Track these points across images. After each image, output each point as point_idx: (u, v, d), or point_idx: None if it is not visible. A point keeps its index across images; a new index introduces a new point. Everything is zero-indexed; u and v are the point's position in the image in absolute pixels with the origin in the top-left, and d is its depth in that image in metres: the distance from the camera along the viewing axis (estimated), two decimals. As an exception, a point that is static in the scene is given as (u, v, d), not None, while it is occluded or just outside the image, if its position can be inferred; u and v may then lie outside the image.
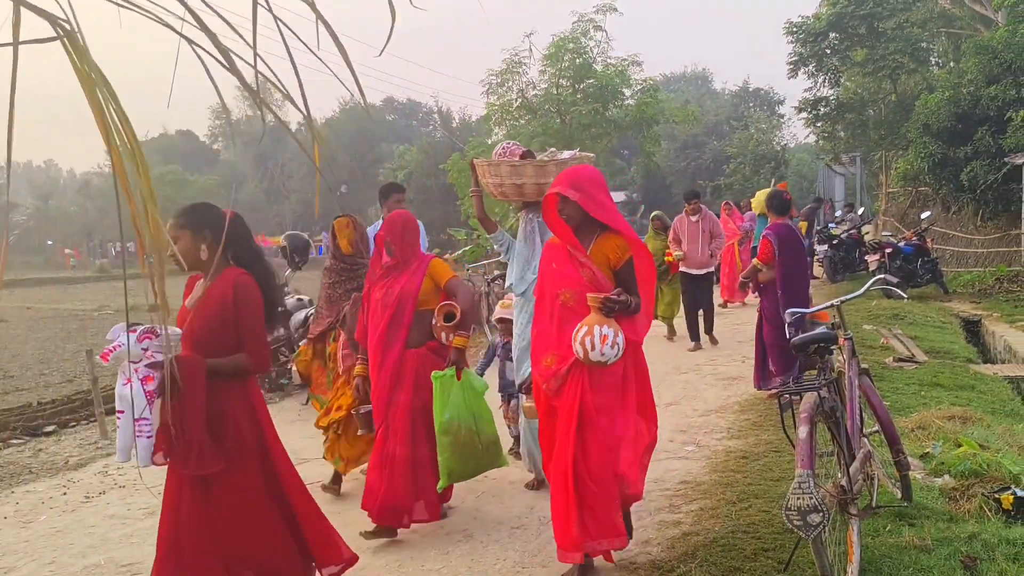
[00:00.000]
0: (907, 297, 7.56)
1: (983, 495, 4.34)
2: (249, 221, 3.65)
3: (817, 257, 17.55)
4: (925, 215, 16.44)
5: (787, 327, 6.64)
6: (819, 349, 3.87)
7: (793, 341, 3.99)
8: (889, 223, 22.15)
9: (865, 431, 4.10)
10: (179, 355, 3.07)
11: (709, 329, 10.77)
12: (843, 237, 16.97)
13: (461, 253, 16.37)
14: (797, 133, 48.58)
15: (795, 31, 22.85)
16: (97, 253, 62.75)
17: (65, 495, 6.01)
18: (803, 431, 3.29)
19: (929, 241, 15.34)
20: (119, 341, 3.03)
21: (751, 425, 6.49)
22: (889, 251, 14.42)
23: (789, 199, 7.76)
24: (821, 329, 4.01)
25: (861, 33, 21.44)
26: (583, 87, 21.81)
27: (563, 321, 3.74)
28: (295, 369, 6.38)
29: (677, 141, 44.00)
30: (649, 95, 22.47)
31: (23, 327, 20.48)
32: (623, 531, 3.71)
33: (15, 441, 8.04)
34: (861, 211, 21.27)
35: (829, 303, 4.42)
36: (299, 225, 44.50)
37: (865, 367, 4.29)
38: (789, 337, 6.88)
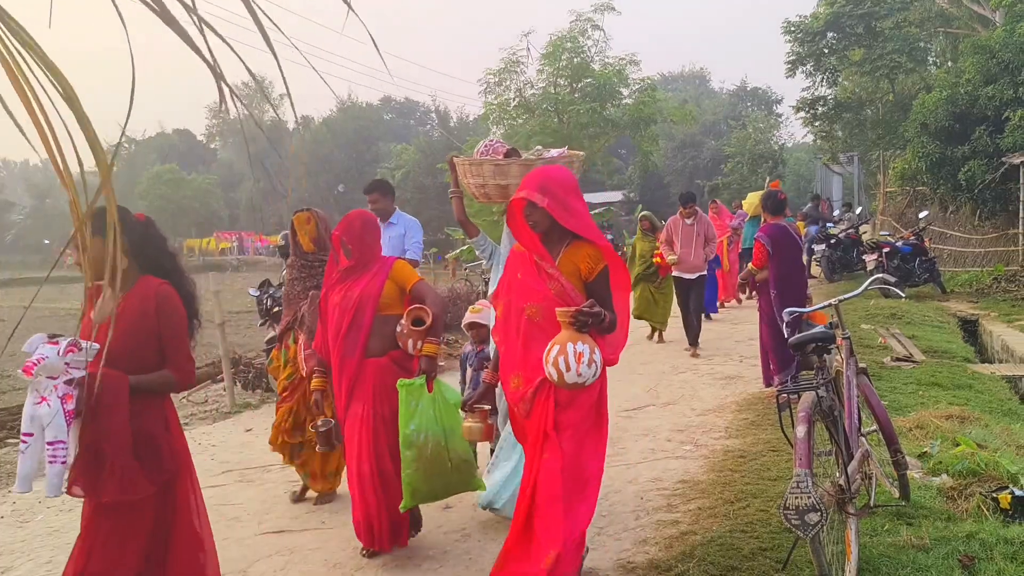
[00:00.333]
0: (905, 296, 7.56)
1: (981, 494, 4.35)
2: (247, 220, 3.64)
3: (815, 256, 17.57)
4: (923, 215, 16.47)
5: (784, 326, 6.65)
6: (817, 348, 3.87)
7: (791, 340, 3.98)
8: (887, 222, 22.18)
9: (863, 430, 4.10)
10: (103, 371, 2.79)
11: (694, 341, 10.15)
12: (841, 236, 16.99)
13: (459, 252, 16.37)
14: (795, 132, 48.71)
15: (793, 30, 22.90)
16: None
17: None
18: (801, 430, 3.29)
19: (927, 241, 15.37)
20: (41, 354, 2.81)
21: (749, 424, 6.49)
22: (887, 250, 14.43)
23: (784, 199, 7.73)
24: (819, 329, 4.01)
25: (859, 33, 21.48)
26: (581, 86, 21.82)
27: (529, 338, 3.37)
28: (271, 378, 6.01)
29: (675, 140, 44.07)
30: (647, 94, 22.48)
31: (21, 326, 20.43)
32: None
33: (12, 440, 8.02)
34: (859, 210, 21.30)
35: (827, 302, 4.42)
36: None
37: (863, 366, 4.29)
38: (786, 336, 6.91)
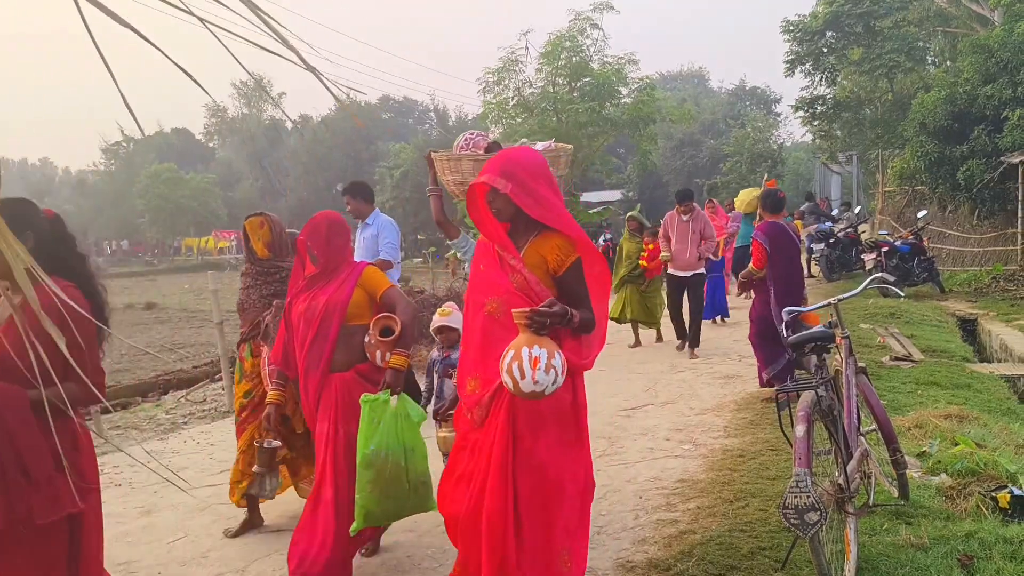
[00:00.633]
0: (904, 295, 7.57)
1: (980, 494, 4.35)
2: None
3: (814, 256, 17.59)
4: (921, 214, 16.48)
5: (783, 326, 6.65)
6: (816, 348, 3.87)
7: (790, 340, 3.98)
8: (885, 222, 22.20)
9: (862, 430, 4.10)
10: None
11: (694, 341, 9.88)
12: (840, 236, 17.00)
13: (457, 251, 16.38)
14: (794, 132, 48.77)
15: (792, 30, 22.92)
16: (93, 251, 62.66)
17: (61, 494, 5.99)
18: (800, 430, 3.29)
19: (925, 240, 15.38)
20: None
21: (748, 424, 6.49)
22: (885, 250, 14.45)
23: (783, 197, 7.74)
24: (819, 328, 4.01)
25: (858, 32, 21.50)
26: (580, 85, 21.83)
27: (487, 335, 3.07)
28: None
29: (673, 140, 44.09)
30: (645, 93, 22.49)
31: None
32: None
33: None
34: (858, 210, 21.32)
35: (826, 301, 4.42)
36: (295, 223, 44.46)
37: (862, 366, 4.29)
38: (785, 335, 6.93)
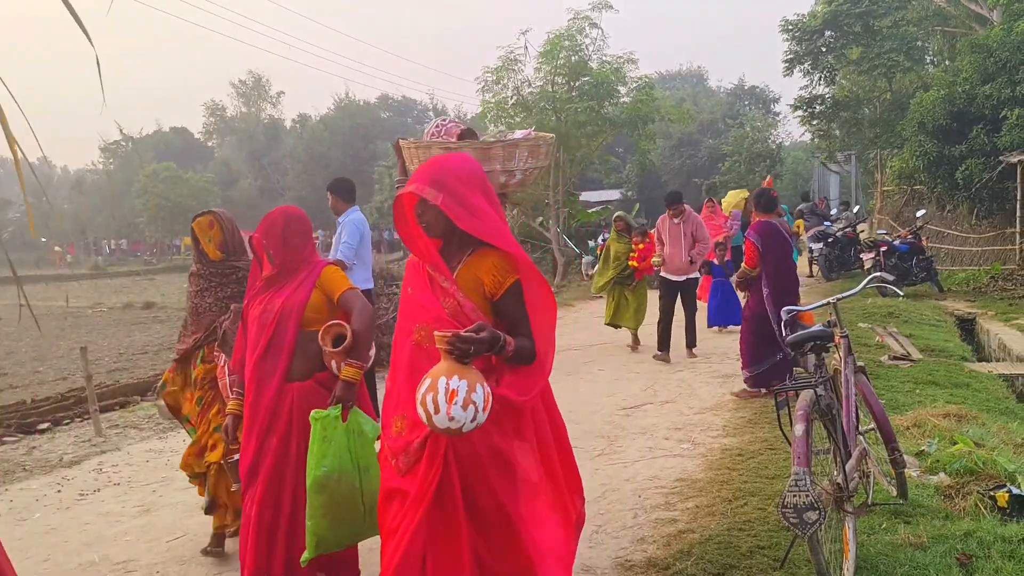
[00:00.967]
0: (903, 295, 7.58)
1: (979, 493, 4.35)
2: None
3: (812, 255, 17.60)
4: (920, 213, 16.49)
5: (783, 325, 6.66)
6: (815, 347, 3.87)
7: (789, 339, 3.98)
8: (884, 221, 22.22)
9: (861, 429, 4.11)
10: None
11: (691, 343, 9.73)
12: (838, 235, 17.02)
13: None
14: (792, 131, 48.83)
15: (791, 29, 22.91)
16: (92, 250, 62.67)
17: (59, 493, 5.99)
18: (799, 429, 3.29)
19: (924, 239, 15.39)
20: None
21: (746, 423, 6.49)
22: (884, 249, 14.45)
23: (775, 196, 7.79)
24: (818, 327, 4.01)
25: (856, 31, 21.49)
26: (578, 84, 21.80)
27: (415, 367, 2.73)
28: (160, 403, 4.98)
29: (672, 139, 44.08)
30: (644, 93, 22.47)
31: (17, 324, 20.42)
32: None
33: (9, 438, 8.01)
34: (856, 209, 21.33)
35: (825, 301, 4.42)
36: (294, 222, 44.32)
37: (861, 365, 4.30)
38: (783, 335, 6.94)
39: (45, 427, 8.47)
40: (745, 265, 7.45)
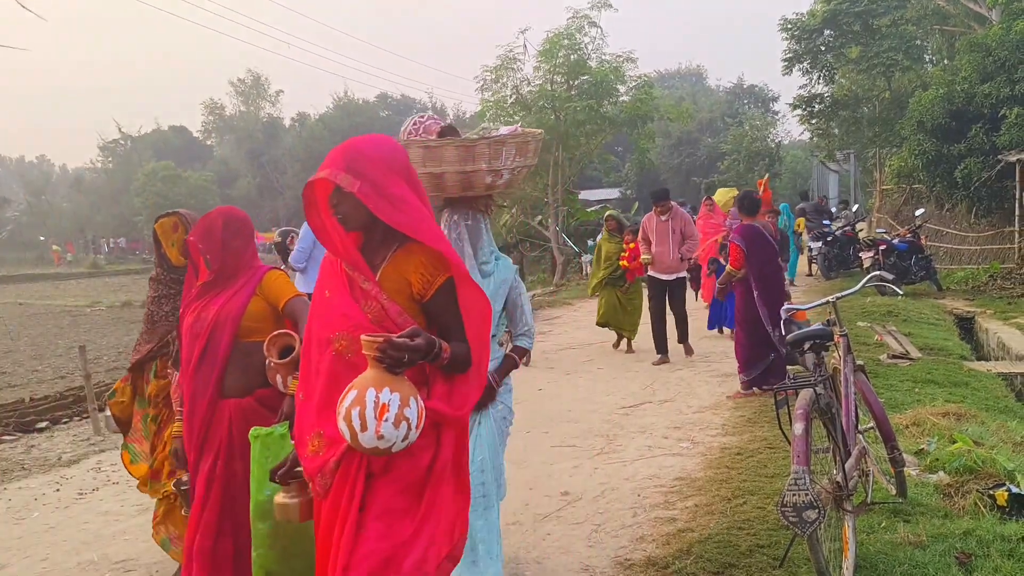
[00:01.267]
0: (903, 293, 7.59)
1: (978, 492, 4.36)
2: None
3: (812, 254, 17.60)
4: (919, 212, 16.50)
5: (782, 323, 6.68)
6: (815, 346, 3.87)
7: (789, 337, 3.98)
8: (883, 220, 22.22)
9: (860, 427, 4.10)
10: None
11: (683, 338, 9.49)
12: (837, 234, 17.03)
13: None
14: (791, 130, 48.78)
15: (790, 28, 22.92)
16: (90, 248, 62.63)
17: (58, 492, 5.99)
18: (799, 428, 3.29)
19: (923, 238, 15.39)
20: None
21: (745, 421, 6.49)
22: (883, 248, 14.45)
23: (759, 199, 7.82)
24: (817, 326, 4.01)
25: (855, 30, 21.50)
26: (577, 83, 21.80)
27: (334, 380, 2.41)
28: (109, 414, 4.55)
29: (671, 138, 44.06)
30: (643, 92, 22.48)
31: (15, 323, 20.41)
32: None
33: (7, 437, 8.01)
34: (855, 208, 21.34)
35: (824, 299, 4.42)
36: (293, 221, 44.48)
37: (860, 364, 4.30)
38: (774, 334, 7.05)
39: (44, 426, 8.47)
40: (729, 267, 7.60)
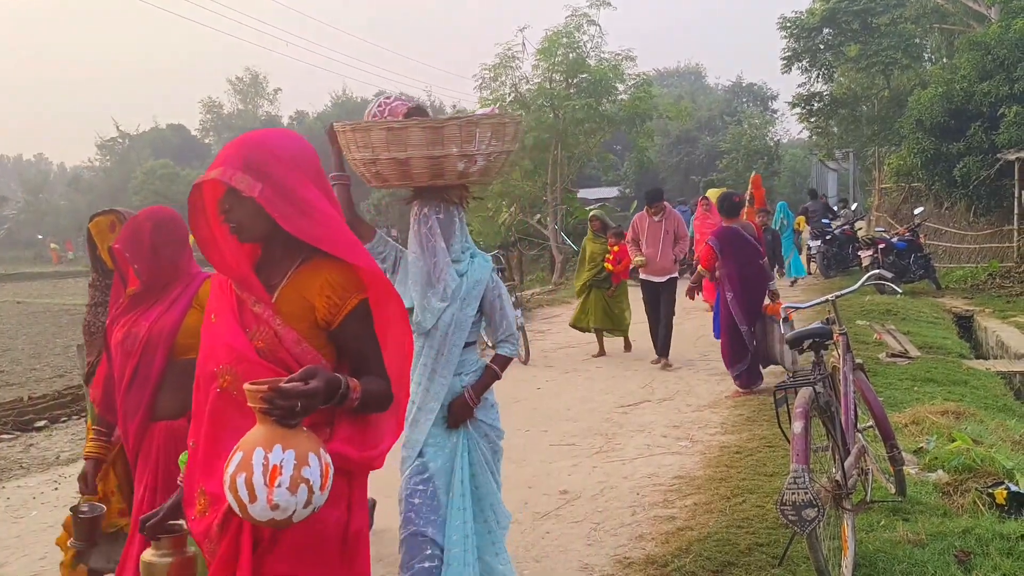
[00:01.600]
0: (902, 292, 7.60)
1: (977, 490, 4.36)
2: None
3: (811, 253, 17.60)
4: (918, 211, 16.51)
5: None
6: (814, 344, 3.87)
7: (788, 336, 3.98)
8: (882, 219, 22.22)
9: (859, 426, 4.10)
10: None
11: (663, 351, 8.99)
12: (836, 233, 17.02)
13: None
14: (790, 128, 48.66)
15: (789, 26, 22.94)
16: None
17: (56, 490, 5.98)
18: (798, 426, 3.29)
19: (922, 237, 15.40)
20: None
21: (744, 420, 6.50)
22: (882, 247, 14.46)
23: (738, 202, 7.84)
24: (816, 325, 4.00)
25: (854, 28, 21.51)
26: (576, 82, 21.78)
27: (219, 425, 2.07)
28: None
29: (670, 136, 44.01)
30: (642, 90, 22.47)
31: (13, 322, 20.40)
32: None
33: (5, 436, 7.99)
34: (855, 206, 21.33)
35: (823, 298, 4.42)
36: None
37: (859, 362, 4.30)
38: (747, 333, 7.23)
39: (42, 425, 8.45)
40: (700, 267, 7.77)
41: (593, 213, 10.40)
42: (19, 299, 26.98)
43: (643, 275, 9.10)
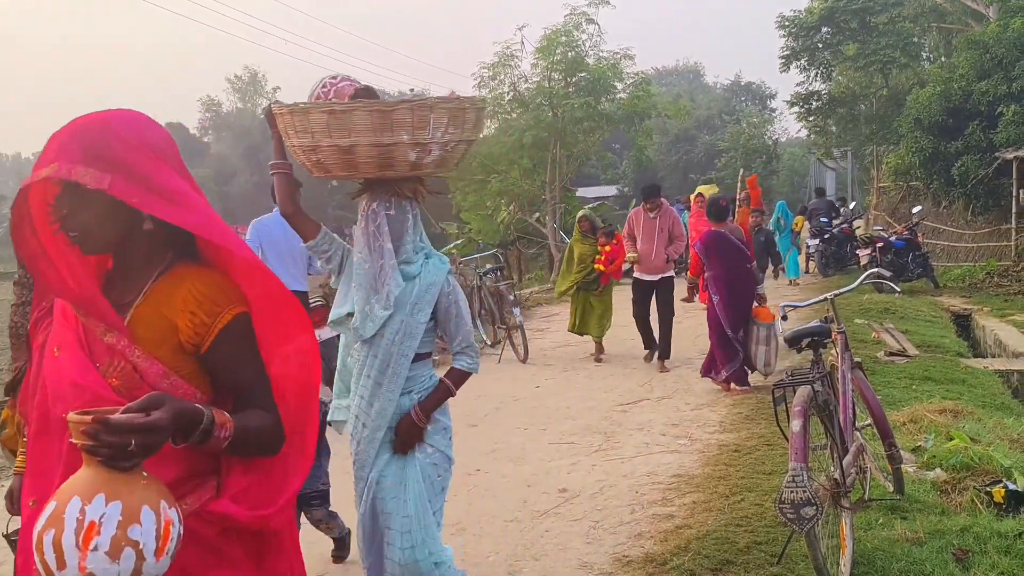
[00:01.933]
0: (900, 291, 7.61)
1: (975, 488, 4.37)
2: (241, 214, 3.23)
3: (808, 252, 17.62)
4: (916, 210, 16.52)
5: (733, 328, 7.29)
6: (813, 343, 3.88)
7: (787, 335, 3.99)
8: (880, 217, 22.24)
9: (858, 425, 4.11)
10: None
11: (664, 353, 8.72)
12: (835, 232, 17.05)
13: (453, 247, 16.30)
14: (789, 127, 48.81)
15: (787, 25, 22.96)
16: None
17: None
18: (797, 424, 3.30)
19: (920, 235, 15.42)
20: None
21: (743, 419, 6.51)
22: (880, 245, 14.48)
23: (725, 206, 7.87)
24: (815, 323, 4.01)
25: (853, 27, 21.54)
26: (575, 80, 21.77)
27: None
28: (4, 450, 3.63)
29: (669, 135, 44.07)
30: (641, 89, 22.46)
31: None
32: None
33: (5, 435, 7.99)
34: (853, 205, 21.34)
35: (822, 296, 4.43)
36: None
37: (858, 361, 4.31)
38: (732, 336, 7.37)
39: None
40: (689, 273, 8.09)
41: (582, 213, 10.02)
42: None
43: (636, 273, 8.88)
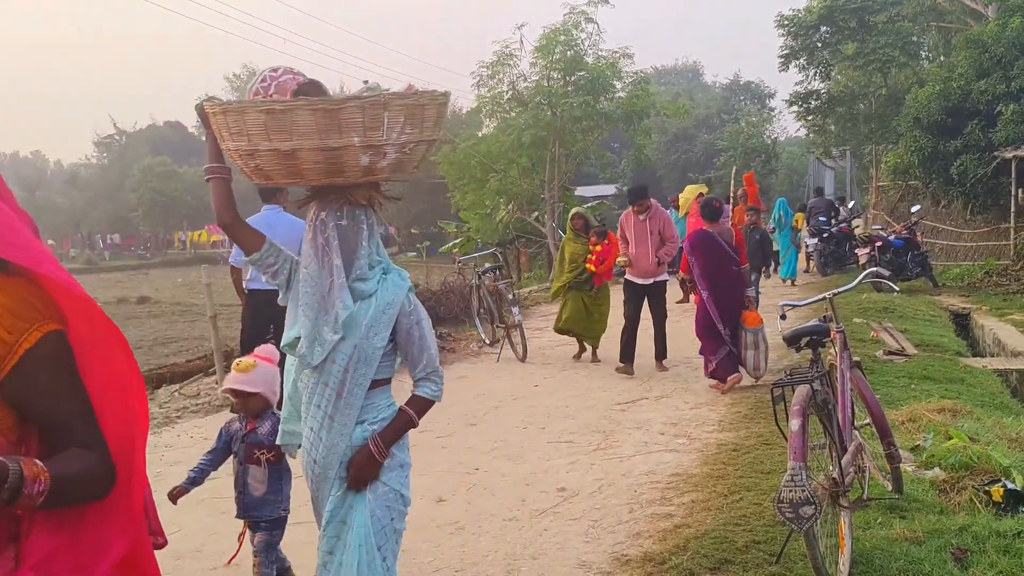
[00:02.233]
0: (899, 290, 7.62)
1: (973, 488, 4.37)
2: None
3: (807, 251, 17.62)
4: (915, 209, 16.53)
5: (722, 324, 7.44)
6: (812, 342, 3.88)
7: (786, 334, 3.99)
8: (879, 217, 22.25)
9: (856, 424, 4.11)
10: None
11: (661, 353, 8.61)
12: (833, 231, 17.04)
13: (452, 246, 16.28)
14: (788, 127, 48.75)
15: (786, 24, 22.96)
16: (85, 244, 62.52)
17: None
18: (795, 424, 3.30)
19: (919, 235, 15.43)
20: None
21: (742, 418, 6.51)
22: (879, 245, 14.48)
23: (718, 207, 7.97)
24: (814, 322, 4.01)
25: (852, 27, 21.54)
26: (574, 79, 21.76)
27: None
28: None
29: (667, 134, 44.08)
30: (640, 88, 22.45)
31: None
32: None
33: None
34: (851, 204, 21.35)
35: (821, 296, 4.43)
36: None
37: (857, 360, 4.31)
38: (724, 332, 7.53)
39: None
40: (680, 272, 8.30)
41: (576, 211, 9.75)
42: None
43: (628, 276, 8.71)
